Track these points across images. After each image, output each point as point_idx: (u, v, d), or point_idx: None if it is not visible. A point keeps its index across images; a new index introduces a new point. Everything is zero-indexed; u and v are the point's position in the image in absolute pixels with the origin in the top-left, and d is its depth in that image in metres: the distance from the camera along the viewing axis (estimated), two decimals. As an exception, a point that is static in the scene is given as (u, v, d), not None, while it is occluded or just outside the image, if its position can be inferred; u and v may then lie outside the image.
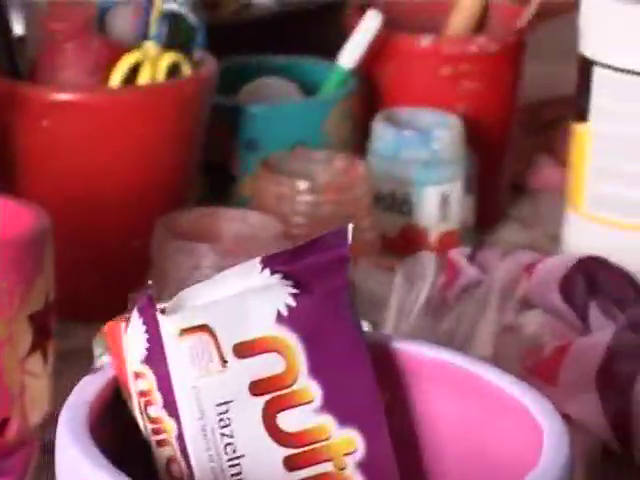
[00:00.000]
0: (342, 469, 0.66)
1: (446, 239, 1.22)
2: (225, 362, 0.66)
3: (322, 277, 0.67)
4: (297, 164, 1.18)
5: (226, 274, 0.68)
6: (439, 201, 1.24)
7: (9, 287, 0.87)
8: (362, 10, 1.32)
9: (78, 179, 1.11)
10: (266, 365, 0.65)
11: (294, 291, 0.65)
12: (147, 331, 0.65)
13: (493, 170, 1.31)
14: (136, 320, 0.65)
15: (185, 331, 0.66)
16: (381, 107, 1.30)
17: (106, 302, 1.09)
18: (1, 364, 0.88)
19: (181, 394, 0.66)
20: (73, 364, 0.92)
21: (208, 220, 1.07)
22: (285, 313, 0.65)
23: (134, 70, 1.12)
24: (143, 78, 1.13)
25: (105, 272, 1.11)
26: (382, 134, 1.25)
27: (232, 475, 0.65)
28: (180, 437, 0.65)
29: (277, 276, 0.66)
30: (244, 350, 0.65)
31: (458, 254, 1.04)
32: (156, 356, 0.65)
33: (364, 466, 0.66)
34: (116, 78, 1.12)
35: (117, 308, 1.02)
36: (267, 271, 0.66)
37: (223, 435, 0.65)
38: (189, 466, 0.65)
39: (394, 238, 1.21)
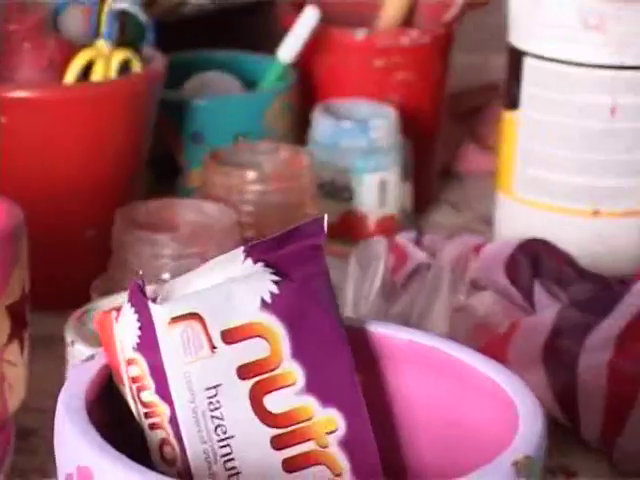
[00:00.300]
0: (325, 447, 0.67)
1: (385, 224, 1.24)
2: (214, 348, 0.66)
3: (301, 265, 0.68)
4: (243, 155, 1.18)
5: (211, 264, 0.69)
6: (377, 188, 1.25)
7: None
8: (297, 6, 1.33)
9: (35, 172, 1.11)
10: (252, 350, 0.65)
11: (276, 279, 0.66)
12: (139, 319, 0.66)
13: (425, 157, 1.33)
14: (128, 309, 0.66)
15: (176, 319, 0.66)
16: (319, 99, 1.31)
17: (66, 290, 1.10)
18: None
19: (173, 379, 0.66)
20: (36, 352, 0.92)
21: (166, 211, 1.07)
22: (269, 300, 0.66)
23: (87, 67, 1.12)
24: (96, 75, 1.13)
25: (63, 261, 1.12)
26: (321, 125, 1.26)
27: (223, 455, 0.66)
28: (173, 420, 0.66)
29: (259, 265, 0.66)
30: (231, 336, 0.65)
31: (404, 238, 1.05)
32: (148, 343, 0.66)
33: (345, 444, 0.68)
34: (70, 75, 1.12)
35: (77, 296, 1.03)
36: (250, 260, 0.67)
37: (213, 417, 0.66)
38: (182, 448, 0.66)
39: (335, 224, 1.20)
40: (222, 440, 0.66)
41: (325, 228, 0.71)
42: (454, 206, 1.37)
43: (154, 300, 0.67)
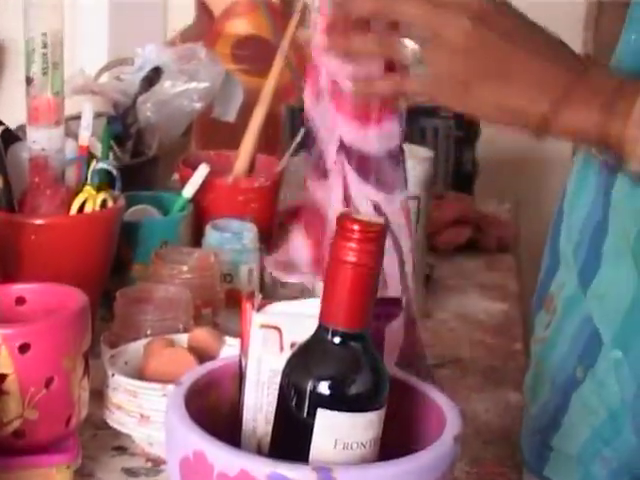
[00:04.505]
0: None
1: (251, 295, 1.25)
2: (282, 350, 0.70)
3: None
4: (175, 255, 1.21)
5: (298, 302, 0.74)
6: (247, 273, 1.29)
7: (77, 336, 0.89)
8: (189, 163, 1.38)
9: (51, 269, 1.09)
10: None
11: None
12: (243, 320, 0.73)
13: (269, 250, 1.34)
14: (247, 309, 0.73)
15: (264, 325, 0.71)
16: (208, 219, 1.32)
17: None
18: (70, 383, 0.89)
19: (250, 360, 0.71)
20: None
21: (147, 291, 1.10)
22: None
23: (82, 204, 1.15)
24: (88, 209, 1.15)
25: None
26: (212, 235, 1.30)
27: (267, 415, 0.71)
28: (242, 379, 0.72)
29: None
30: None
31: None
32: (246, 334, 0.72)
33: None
34: (73, 209, 1.15)
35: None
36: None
37: (268, 388, 0.71)
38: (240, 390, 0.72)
39: (222, 298, 1.21)
40: (270, 404, 0.71)
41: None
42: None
43: (258, 310, 0.71)
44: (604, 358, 0.93)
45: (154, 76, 1.56)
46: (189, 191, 1.33)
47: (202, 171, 1.34)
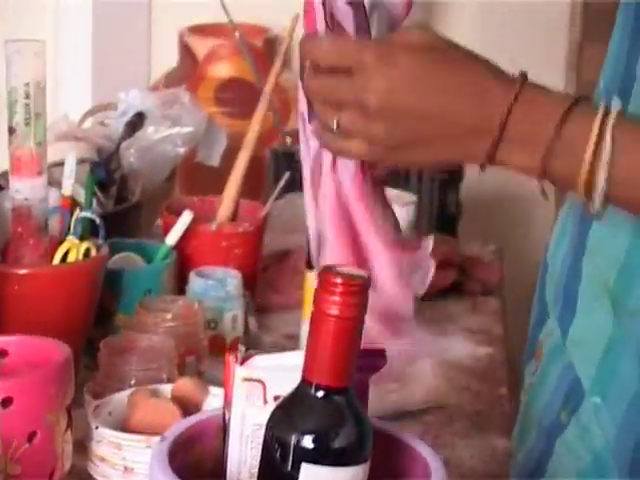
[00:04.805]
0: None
1: (235, 342, 1.26)
2: (266, 403, 0.71)
3: None
4: (159, 304, 1.20)
5: (281, 355, 0.74)
6: (231, 320, 1.28)
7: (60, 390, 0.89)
8: (172, 210, 1.38)
9: (34, 319, 1.09)
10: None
11: None
12: (227, 374, 0.73)
13: (253, 296, 1.37)
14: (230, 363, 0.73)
15: (247, 379, 0.72)
16: (192, 267, 1.32)
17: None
18: (54, 437, 0.89)
19: (234, 413, 0.72)
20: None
21: (131, 340, 1.10)
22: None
23: (66, 254, 1.15)
24: (71, 258, 1.15)
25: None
26: (196, 283, 1.29)
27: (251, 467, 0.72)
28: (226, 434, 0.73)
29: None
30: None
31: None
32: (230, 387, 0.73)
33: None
34: (57, 259, 1.15)
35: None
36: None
37: (252, 442, 0.72)
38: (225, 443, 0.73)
39: (206, 345, 1.20)
40: (254, 458, 0.72)
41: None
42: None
43: (241, 363, 0.71)
44: (587, 402, 0.94)
45: (137, 121, 1.57)
46: (172, 239, 1.33)
47: (185, 218, 1.34)
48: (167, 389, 1.02)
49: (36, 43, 1.09)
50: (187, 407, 0.98)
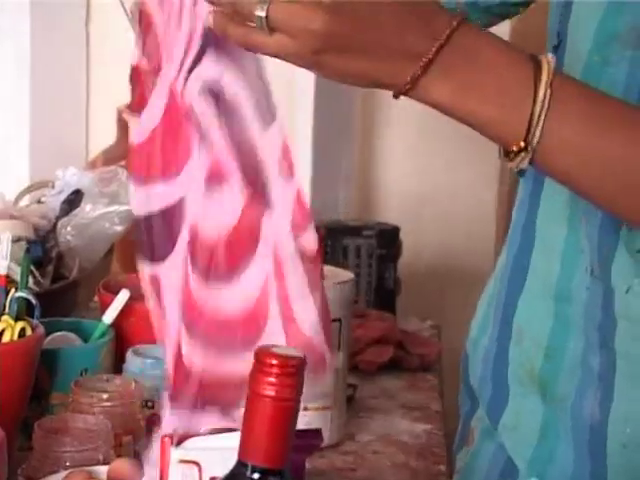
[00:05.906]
0: None
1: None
2: None
3: None
4: (95, 383, 1.18)
5: (219, 436, 0.74)
6: None
7: None
8: (110, 288, 1.38)
9: None
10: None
11: None
12: (162, 455, 0.74)
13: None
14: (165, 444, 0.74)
15: (182, 461, 0.73)
16: (130, 344, 1.30)
17: None
18: None
19: None
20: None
21: (65, 421, 1.08)
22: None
23: (1, 333, 1.14)
24: (6, 338, 1.14)
25: None
26: (133, 361, 1.28)
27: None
28: None
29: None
30: (215, 480, 0.73)
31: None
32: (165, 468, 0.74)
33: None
34: None
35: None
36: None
37: None
38: None
39: (144, 425, 1.17)
40: None
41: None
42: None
43: (177, 445, 0.72)
44: None
45: (75, 199, 1.57)
46: (110, 317, 1.33)
47: (122, 296, 1.34)
48: (103, 470, 1.01)
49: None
50: (123, 489, 0.98)
